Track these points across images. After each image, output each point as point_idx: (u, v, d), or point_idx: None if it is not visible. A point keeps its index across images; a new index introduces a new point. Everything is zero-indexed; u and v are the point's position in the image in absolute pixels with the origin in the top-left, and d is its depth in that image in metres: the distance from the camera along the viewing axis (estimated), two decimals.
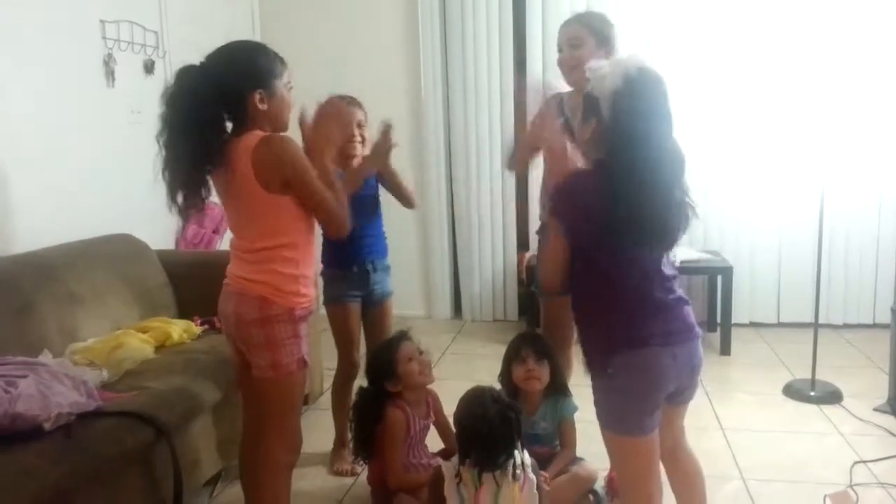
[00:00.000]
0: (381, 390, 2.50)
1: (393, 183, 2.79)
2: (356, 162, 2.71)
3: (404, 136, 4.81)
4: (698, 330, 1.81)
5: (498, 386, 2.53)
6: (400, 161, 2.87)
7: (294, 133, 2.18)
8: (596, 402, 1.82)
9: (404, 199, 2.84)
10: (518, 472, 2.03)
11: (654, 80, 1.68)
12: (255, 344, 1.96)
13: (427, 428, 2.57)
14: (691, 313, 1.81)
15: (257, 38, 4.67)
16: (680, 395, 1.83)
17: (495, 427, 2.03)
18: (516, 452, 2.07)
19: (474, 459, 2.04)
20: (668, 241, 1.73)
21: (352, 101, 2.71)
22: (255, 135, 1.88)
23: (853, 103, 4.13)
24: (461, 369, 3.81)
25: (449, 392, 2.53)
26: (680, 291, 1.80)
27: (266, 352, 1.95)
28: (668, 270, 1.79)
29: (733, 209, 4.56)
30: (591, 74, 1.73)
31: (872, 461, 2.81)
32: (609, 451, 1.85)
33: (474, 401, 2.12)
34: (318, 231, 2.51)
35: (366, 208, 2.74)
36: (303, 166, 1.89)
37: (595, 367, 1.79)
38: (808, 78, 3.90)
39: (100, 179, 3.30)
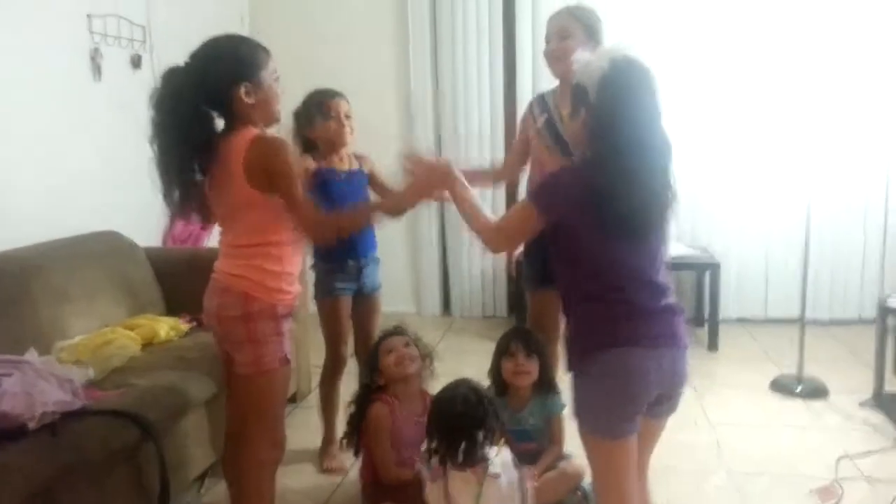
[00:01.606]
0: (372, 385, 2.51)
1: (383, 187, 2.82)
2: (346, 151, 2.75)
3: (393, 131, 4.84)
4: (686, 341, 1.77)
5: (487, 382, 2.55)
6: (388, 158, 2.86)
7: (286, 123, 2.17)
8: (575, 402, 1.79)
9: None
10: (497, 470, 2.01)
11: (639, 65, 1.68)
12: (237, 340, 1.96)
13: (422, 427, 2.55)
14: (681, 324, 1.77)
15: (246, 31, 4.65)
16: (661, 406, 1.80)
17: (456, 408, 2.02)
18: (494, 448, 2.05)
19: (441, 444, 2.02)
20: (653, 229, 1.71)
21: (335, 92, 2.72)
22: (249, 132, 1.88)
23: (841, 101, 4.14)
24: (450, 366, 3.79)
25: (438, 389, 2.53)
26: (671, 300, 1.76)
27: (248, 348, 1.95)
28: (658, 278, 1.74)
29: (721, 205, 4.58)
30: (577, 65, 1.72)
31: (857, 456, 2.83)
32: (586, 453, 1.81)
33: (447, 387, 2.13)
34: None
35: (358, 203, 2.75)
36: (288, 174, 1.88)
37: (578, 364, 1.76)
38: (796, 76, 3.91)
39: (86, 175, 3.27)
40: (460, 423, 2.01)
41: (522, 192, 4.37)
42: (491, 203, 4.79)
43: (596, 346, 1.70)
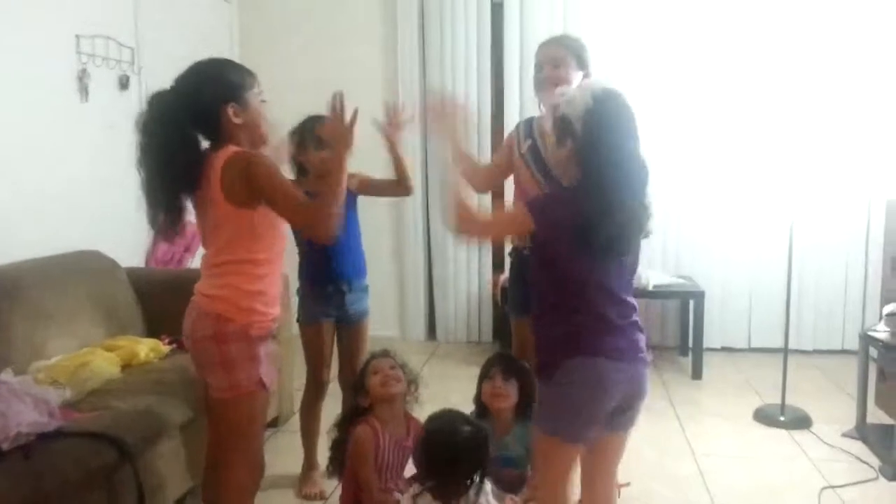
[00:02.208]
0: (357, 406, 2.49)
1: (383, 183, 2.78)
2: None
3: (381, 158, 4.83)
4: (646, 356, 1.87)
5: (472, 407, 2.54)
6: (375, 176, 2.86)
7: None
8: (540, 404, 1.89)
9: (401, 186, 2.74)
10: (482, 500, 2.00)
11: (618, 98, 1.81)
12: (211, 363, 1.93)
13: (404, 451, 2.53)
14: (643, 340, 1.88)
15: (236, 53, 4.68)
16: (619, 417, 1.86)
17: (463, 451, 2.01)
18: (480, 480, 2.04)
19: (436, 484, 2.00)
20: (629, 247, 1.81)
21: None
22: (227, 150, 1.89)
23: (823, 132, 4.20)
24: (435, 392, 3.78)
25: (422, 414, 2.51)
26: (635, 318, 1.87)
27: (221, 371, 1.92)
28: (627, 297, 1.85)
29: (706, 235, 4.61)
30: (560, 99, 1.83)
31: (841, 486, 2.83)
32: (537, 451, 1.90)
33: (443, 422, 2.11)
34: (296, 249, 2.50)
35: (347, 230, 2.73)
36: (270, 180, 1.87)
37: (548, 370, 1.84)
38: (779, 106, 3.99)
39: (71, 195, 3.25)
40: (462, 463, 2.01)
41: (505, 205, 4.41)
42: (477, 205, 4.78)
43: (565, 355, 1.79)
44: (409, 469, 2.52)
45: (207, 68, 1.94)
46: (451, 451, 2.01)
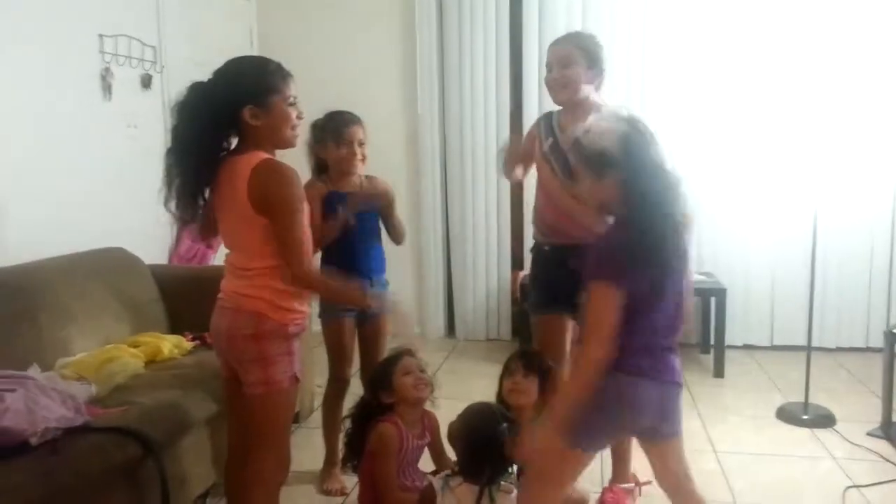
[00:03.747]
0: (377, 401, 2.49)
1: (389, 222, 2.85)
2: (356, 179, 2.75)
3: (400, 155, 4.88)
4: (680, 380, 1.88)
5: None
6: (396, 182, 2.87)
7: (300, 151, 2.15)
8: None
9: (396, 235, 2.87)
10: (510, 483, 2.06)
11: (640, 119, 1.85)
12: (248, 360, 1.95)
13: (421, 449, 2.54)
14: (678, 363, 1.89)
15: (255, 50, 4.70)
16: (658, 434, 1.89)
17: (506, 444, 2.06)
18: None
19: (487, 476, 2.06)
20: (678, 255, 1.81)
21: (352, 118, 2.72)
22: (256, 156, 1.88)
23: (846, 127, 4.15)
24: (454, 388, 3.79)
25: (441, 411, 2.52)
26: (674, 341, 1.89)
27: (258, 368, 1.94)
28: (677, 320, 1.86)
29: (727, 231, 4.57)
30: (587, 135, 1.81)
31: (865, 486, 2.80)
32: (545, 450, 1.86)
33: (484, 418, 2.15)
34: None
35: (369, 227, 2.75)
36: (288, 209, 1.88)
37: None
38: (801, 101, 3.94)
39: (94, 193, 3.29)
40: (507, 461, 2.09)
41: (525, 201, 4.38)
42: (496, 203, 4.83)
43: (609, 368, 1.75)
44: (422, 465, 2.55)
45: (239, 66, 1.95)
46: (496, 448, 2.06)
